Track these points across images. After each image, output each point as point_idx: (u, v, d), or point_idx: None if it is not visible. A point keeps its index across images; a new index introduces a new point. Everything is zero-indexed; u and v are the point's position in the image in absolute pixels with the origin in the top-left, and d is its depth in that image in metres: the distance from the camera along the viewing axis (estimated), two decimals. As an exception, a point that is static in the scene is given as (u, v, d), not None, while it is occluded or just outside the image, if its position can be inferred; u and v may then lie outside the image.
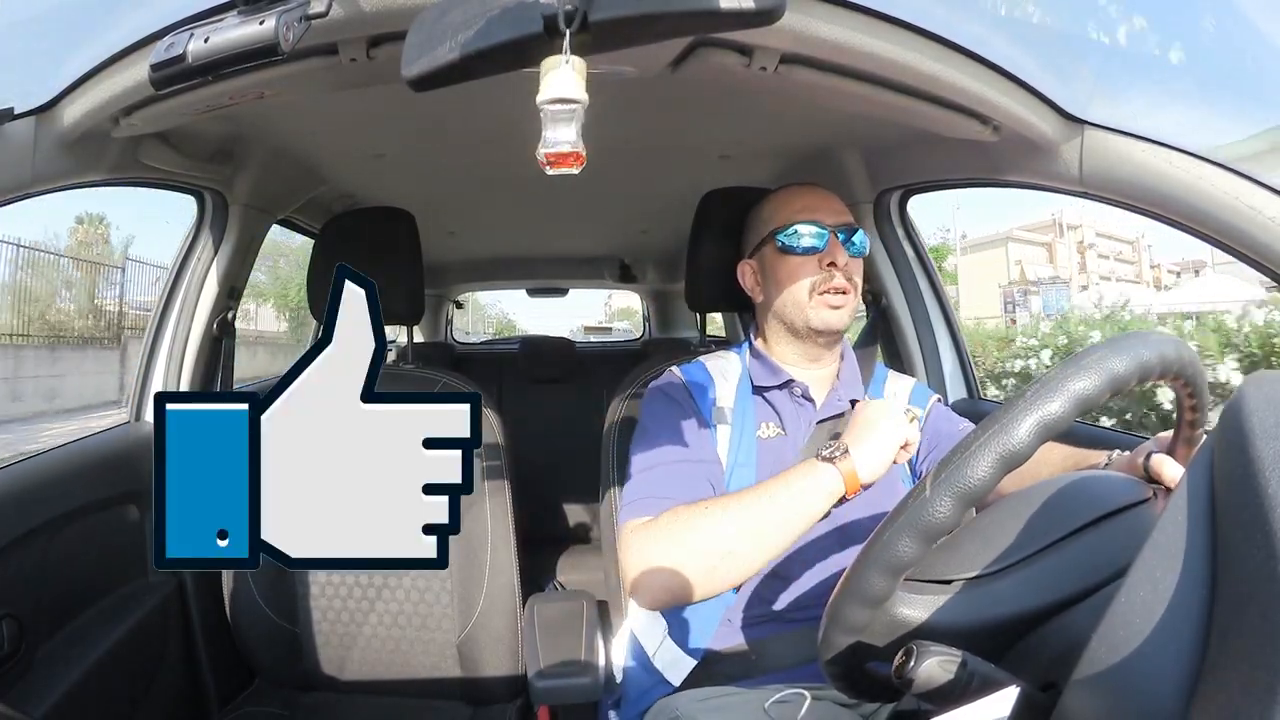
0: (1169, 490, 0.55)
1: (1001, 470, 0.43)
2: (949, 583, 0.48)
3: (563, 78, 0.49)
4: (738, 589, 0.88)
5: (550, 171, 0.53)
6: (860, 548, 0.47)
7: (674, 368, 1.02)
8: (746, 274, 1.03)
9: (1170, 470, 0.58)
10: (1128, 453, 0.67)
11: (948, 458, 0.45)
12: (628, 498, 0.87)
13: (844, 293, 0.93)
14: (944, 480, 0.43)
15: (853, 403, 0.95)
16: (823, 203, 0.97)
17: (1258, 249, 0.67)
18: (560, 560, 2.24)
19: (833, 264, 0.92)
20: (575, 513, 2.28)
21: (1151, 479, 0.59)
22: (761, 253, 0.99)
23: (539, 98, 0.50)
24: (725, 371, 1.00)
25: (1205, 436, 0.50)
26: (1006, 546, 0.49)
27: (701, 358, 1.04)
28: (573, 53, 0.49)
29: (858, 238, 0.96)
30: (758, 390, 0.97)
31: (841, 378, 0.99)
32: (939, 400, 1.03)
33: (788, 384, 0.96)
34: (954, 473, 0.43)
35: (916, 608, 0.47)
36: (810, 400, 0.96)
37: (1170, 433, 0.62)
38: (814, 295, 0.93)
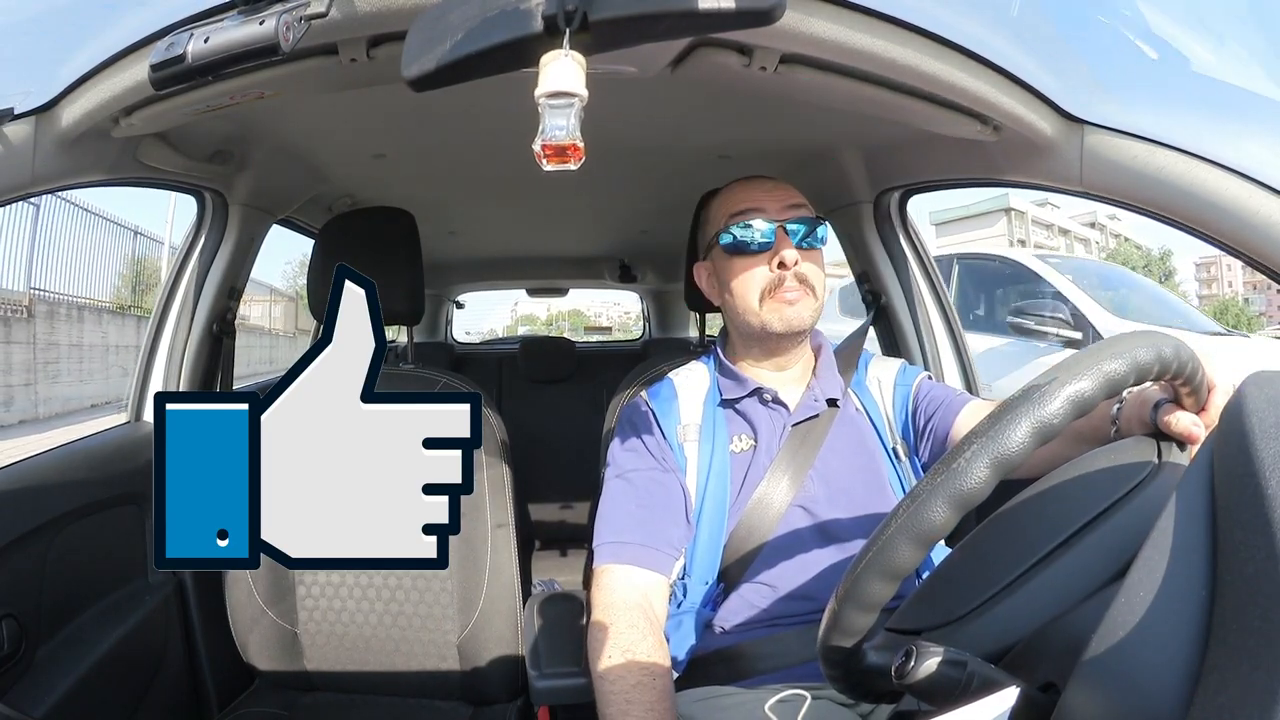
0: (1179, 445, 0.52)
1: (1037, 440, 0.43)
2: (919, 632, 0.48)
3: (562, 70, 0.49)
4: (719, 598, 0.88)
5: (547, 167, 0.52)
6: (852, 543, 0.46)
7: (642, 393, 1.00)
8: (702, 277, 1.00)
9: (1179, 423, 0.52)
10: (1137, 391, 0.60)
11: (982, 427, 0.44)
12: (596, 537, 0.90)
13: (799, 291, 0.89)
14: (980, 447, 0.43)
15: (830, 402, 0.93)
16: (768, 195, 0.92)
17: (1257, 249, 0.67)
18: (560, 560, 2.25)
19: (782, 264, 0.88)
20: (575, 513, 2.28)
21: (1160, 431, 0.54)
22: (711, 255, 0.97)
23: (537, 91, 0.50)
24: (693, 386, 0.98)
25: (1205, 436, 0.50)
26: (976, 584, 0.49)
27: (670, 374, 1.02)
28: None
29: (817, 229, 0.91)
30: (726, 403, 0.95)
31: (818, 375, 0.95)
32: (928, 376, 1.01)
33: (756, 392, 0.93)
34: (990, 440, 0.43)
35: (888, 658, 0.46)
36: (783, 404, 0.93)
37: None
38: (765, 300, 0.89)
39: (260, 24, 0.55)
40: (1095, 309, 3.59)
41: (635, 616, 0.82)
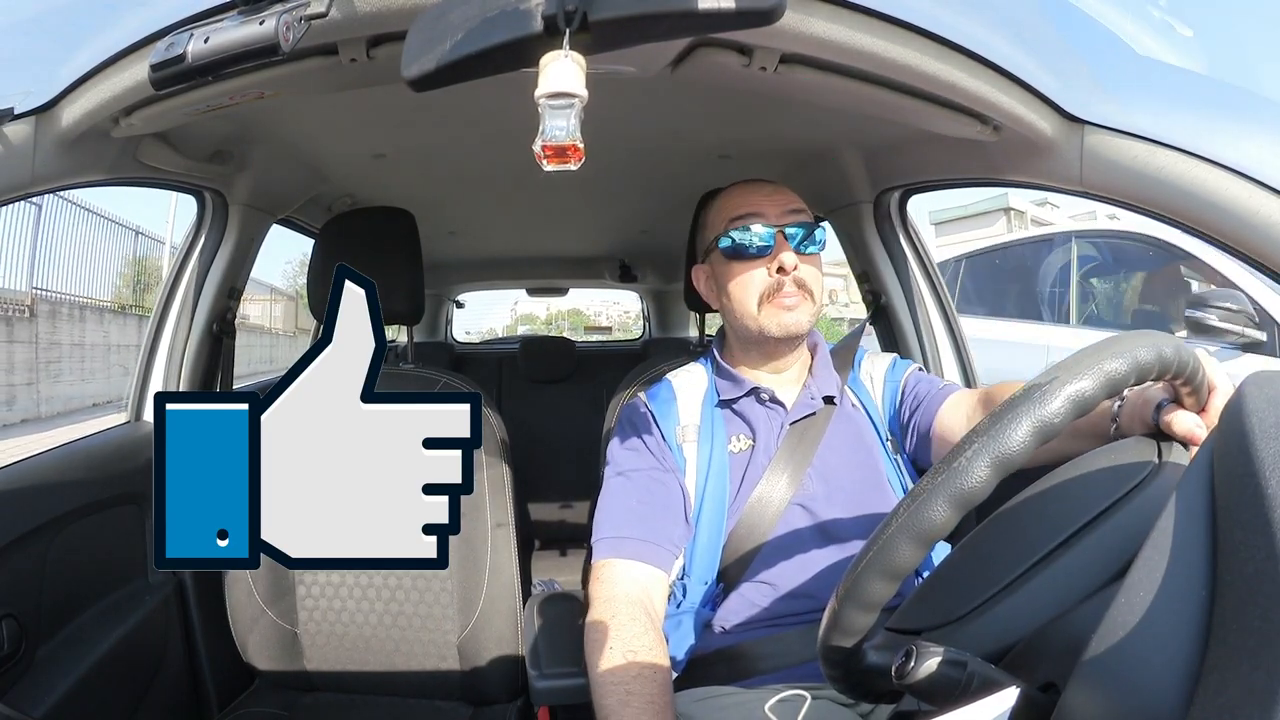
0: (1183, 444, 0.52)
1: (1037, 439, 0.42)
2: (919, 632, 0.48)
3: (562, 71, 0.49)
4: (719, 598, 0.89)
5: (548, 168, 0.52)
6: (851, 541, 0.46)
7: (641, 394, 1.01)
8: (700, 279, 1.01)
9: (1181, 424, 0.52)
10: (1139, 390, 0.59)
11: (983, 426, 0.44)
12: (595, 531, 0.90)
13: (797, 295, 0.89)
14: (981, 446, 0.43)
15: (827, 400, 0.94)
16: (767, 199, 0.93)
17: (1257, 249, 0.67)
18: (560, 560, 2.25)
19: (781, 269, 0.88)
20: (575, 513, 2.28)
21: (1161, 432, 0.54)
22: (710, 258, 0.97)
23: (537, 92, 0.50)
24: (691, 387, 0.99)
25: (1205, 436, 0.49)
26: (976, 584, 0.49)
27: (668, 375, 1.03)
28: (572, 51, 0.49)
29: (816, 233, 0.92)
30: (724, 404, 0.95)
31: (815, 374, 0.96)
32: (919, 368, 1.01)
33: (753, 392, 0.94)
34: (991, 440, 0.42)
35: (888, 658, 0.46)
36: (780, 403, 0.93)
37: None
38: (764, 305, 0.90)
39: (260, 24, 0.55)
40: None
41: (635, 611, 0.82)
